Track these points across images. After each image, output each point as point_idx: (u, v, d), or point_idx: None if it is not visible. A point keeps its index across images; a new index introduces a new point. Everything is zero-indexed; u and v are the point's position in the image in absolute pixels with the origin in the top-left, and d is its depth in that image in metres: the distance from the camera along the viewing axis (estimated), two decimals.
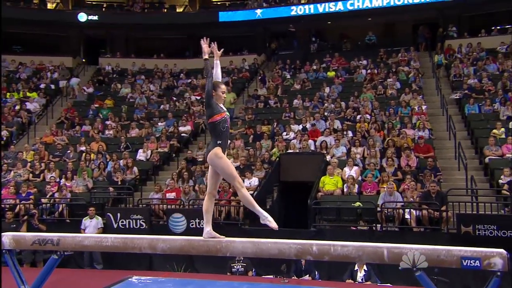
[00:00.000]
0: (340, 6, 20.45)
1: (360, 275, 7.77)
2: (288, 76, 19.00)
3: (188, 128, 15.72)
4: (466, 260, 3.92)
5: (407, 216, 9.70)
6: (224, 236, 4.62)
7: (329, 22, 21.74)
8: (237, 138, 13.96)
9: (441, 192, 9.87)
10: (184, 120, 15.98)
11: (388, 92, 16.18)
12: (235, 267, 8.51)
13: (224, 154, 4.53)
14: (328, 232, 9.83)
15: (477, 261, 3.89)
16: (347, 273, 7.88)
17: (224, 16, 21.92)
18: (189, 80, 20.32)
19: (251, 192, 11.09)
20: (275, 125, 14.55)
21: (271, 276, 8.13)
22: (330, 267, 8.45)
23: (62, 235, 4.94)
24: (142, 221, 10.94)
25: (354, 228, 10.06)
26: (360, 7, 20.28)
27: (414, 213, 9.66)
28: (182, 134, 15.49)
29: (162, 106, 17.99)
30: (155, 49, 23.83)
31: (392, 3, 20.04)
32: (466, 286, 8.22)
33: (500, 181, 10.47)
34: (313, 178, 11.52)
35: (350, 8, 20.35)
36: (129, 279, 6.91)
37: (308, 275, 8.02)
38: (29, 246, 4.95)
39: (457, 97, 15.46)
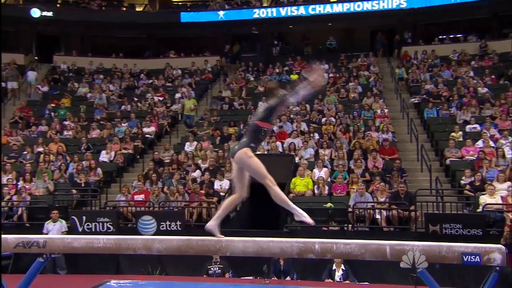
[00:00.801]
0: (302, 11, 20.74)
1: (338, 274, 7.88)
2: (252, 79, 19.04)
3: (152, 129, 15.40)
4: (467, 256, 4.05)
5: (377, 216, 9.95)
6: (223, 236, 4.54)
7: (291, 26, 22.00)
8: (204, 139, 13.83)
9: (410, 193, 10.20)
10: (147, 121, 15.65)
11: (351, 96, 16.56)
12: (212, 269, 8.40)
13: None
14: (300, 232, 9.89)
15: (477, 257, 4.03)
16: (325, 272, 7.96)
17: (186, 17, 21.68)
18: (150, 81, 19.94)
19: (223, 194, 11.03)
20: (241, 127, 14.52)
21: (251, 277, 8.08)
22: (307, 267, 8.51)
23: (49, 236, 4.72)
24: (110, 224, 10.60)
25: (325, 229, 10.19)
26: (321, 12, 20.65)
27: (384, 213, 9.91)
28: (146, 135, 15.17)
29: (123, 107, 17.55)
30: (113, 48, 23.20)
31: (352, 9, 20.55)
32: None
33: (462, 181, 10.94)
34: (282, 179, 11.53)
35: (312, 12, 20.68)
36: (108, 283, 6.67)
37: (288, 276, 8.04)
38: (12, 249, 4.65)
39: (416, 101, 16.06)
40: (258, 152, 12.90)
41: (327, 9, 20.57)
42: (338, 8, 20.49)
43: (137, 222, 10.45)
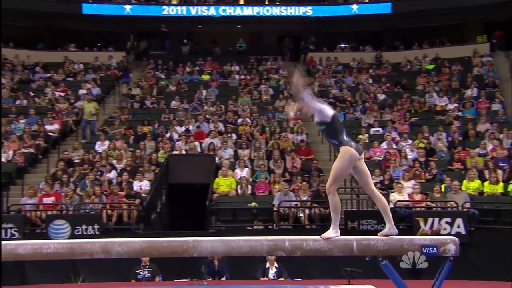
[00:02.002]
0: (212, 11, 20.70)
1: (271, 272, 7.97)
2: (163, 77, 18.54)
3: (55, 126, 14.24)
4: (426, 248, 4.34)
5: (300, 214, 10.25)
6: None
7: (200, 26, 21.84)
8: (117, 138, 13.14)
9: None
10: (49, 117, 14.44)
11: (263, 98, 16.88)
12: (140, 273, 7.99)
13: None
14: (225, 232, 9.84)
15: (435, 248, 4.34)
16: (260, 271, 8.01)
17: (88, 9, 20.42)
18: (48, 75, 18.46)
19: (145, 195, 10.59)
20: (156, 126, 14.06)
21: (186, 280, 7.82)
22: (240, 266, 8.46)
23: None
24: (14, 230, 9.66)
25: (250, 228, 10.25)
26: (232, 14, 20.80)
27: (307, 211, 10.25)
28: (49, 133, 13.98)
29: (18, 102, 16.03)
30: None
31: (261, 13, 20.98)
32: None
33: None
34: (204, 179, 11.45)
35: (222, 14, 20.73)
36: None
37: (223, 277, 7.94)
38: None
39: None
40: (175, 152, 12.67)
41: (237, 11, 20.79)
42: (248, 11, 20.81)
43: (47, 227, 9.63)
